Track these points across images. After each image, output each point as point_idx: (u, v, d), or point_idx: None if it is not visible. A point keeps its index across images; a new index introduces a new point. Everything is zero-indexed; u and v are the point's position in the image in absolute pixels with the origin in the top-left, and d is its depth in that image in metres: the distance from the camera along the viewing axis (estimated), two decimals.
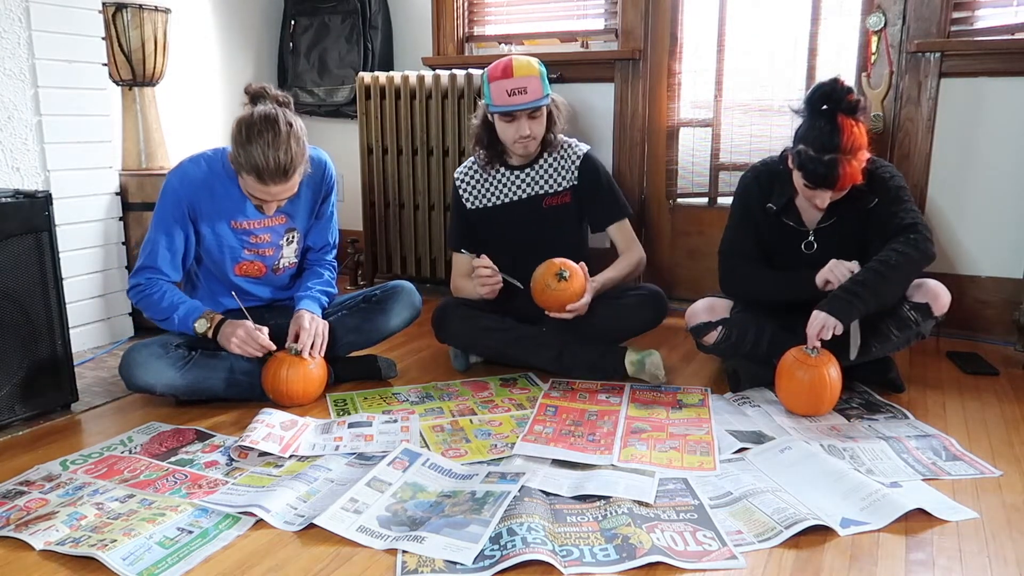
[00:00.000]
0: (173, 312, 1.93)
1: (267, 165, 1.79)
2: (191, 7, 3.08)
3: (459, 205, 2.33)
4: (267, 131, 1.79)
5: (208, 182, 1.95)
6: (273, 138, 1.79)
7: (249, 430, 1.73)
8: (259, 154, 1.78)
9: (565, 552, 1.30)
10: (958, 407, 1.96)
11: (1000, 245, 2.52)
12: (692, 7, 2.86)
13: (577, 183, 2.26)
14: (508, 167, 2.27)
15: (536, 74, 2.10)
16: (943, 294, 1.95)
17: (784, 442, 1.69)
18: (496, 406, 1.98)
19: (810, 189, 1.87)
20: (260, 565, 1.29)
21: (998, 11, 2.46)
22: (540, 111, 2.14)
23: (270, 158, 1.79)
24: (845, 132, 1.80)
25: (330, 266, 2.20)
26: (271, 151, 1.79)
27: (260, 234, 2.03)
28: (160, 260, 1.94)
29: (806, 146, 1.83)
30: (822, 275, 1.90)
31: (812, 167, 1.82)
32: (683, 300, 2.84)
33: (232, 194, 1.96)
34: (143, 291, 1.94)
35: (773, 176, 2.04)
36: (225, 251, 2.01)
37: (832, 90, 1.83)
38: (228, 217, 1.98)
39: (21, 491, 1.54)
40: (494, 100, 2.11)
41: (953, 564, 1.29)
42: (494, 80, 2.11)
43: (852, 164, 1.80)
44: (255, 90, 1.90)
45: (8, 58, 2.16)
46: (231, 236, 2.00)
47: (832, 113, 1.81)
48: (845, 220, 1.98)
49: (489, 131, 2.21)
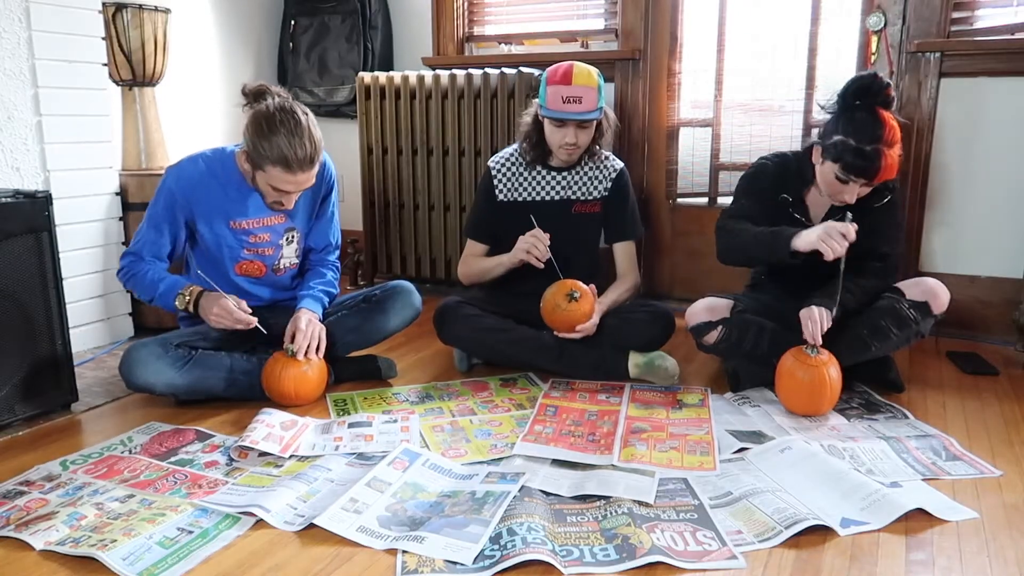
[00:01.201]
0: (155, 289, 1.95)
1: (295, 154, 1.81)
2: (191, 7, 3.08)
3: (489, 195, 2.31)
4: (288, 120, 1.81)
5: (206, 181, 1.95)
6: (295, 126, 1.81)
7: (249, 430, 1.73)
8: (285, 144, 1.80)
9: (565, 552, 1.30)
10: (958, 407, 1.96)
11: (1000, 245, 2.52)
12: (692, 7, 2.86)
13: (607, 195, 2.28)
14: (547, 167, 2.27)
15: (594, 86, 2.09)
16: (942, 292, 1.96)
17: (784, 442, 1.69)
18: (496, 406, 1.98)
19: (842, 182, 1.87)
20: (260, 565, 1.29)
21: (998, 11, 2.46)
22: (590, 122, 2.14)
23: (295, 146, 1.81)
24: (887, 124, 1.82)
25: (333, 266, 2.20)
26: (296, 139, 1.81)
27: (259, 233, 2.03)
28: (145, 251, 1.98)
29: (846, 136, 1.83)
30: (816, 238, 1.82)
31: (853, 157, 1.82)
32: (683, 300, 2.83)
33: (231, 194, 1.96)
34: (128, 272, 1.98)
35: (786, 167, 2.06)
36: (224, 251, 2.01)
37: (872, 84, 1.85)
38: (227, 217, 1.98)
39: (21, 491, 1.54)
40: (548, 103, 2.11)
41: (953, 564, 1.29)
42: (552, 83, 2.10)
43: (891, 156, 1.82)
44: (255, 88, 1.90)
45: (8, 58, 2.16)
46: (230, 236, 2.00)
47: (871, 106, 1.83)
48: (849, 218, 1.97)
49: (538, 130, 2.22)
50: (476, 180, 2.89)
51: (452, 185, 3.00)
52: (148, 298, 1.98)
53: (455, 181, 2.99)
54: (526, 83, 2.80)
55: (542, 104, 2.14)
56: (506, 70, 2.84)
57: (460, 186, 2.99)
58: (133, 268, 1.97)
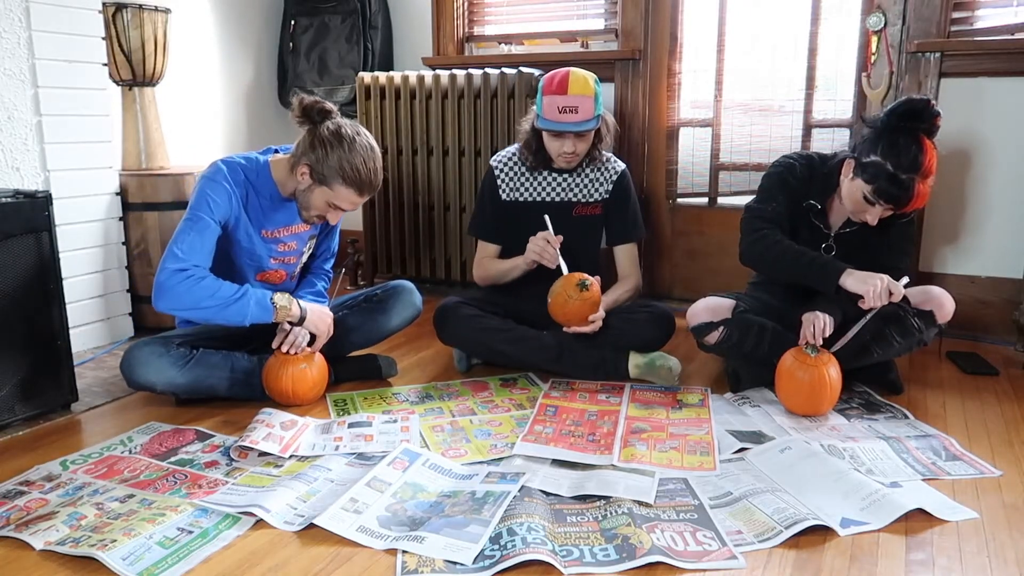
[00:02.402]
0: (241, 294, 1.82)
1: (371, 178, 1.87)
2: (191, 7, 3.08)
3: (492, 193, 2.30)
4: (366, 144, 1.87)
5: (250, 188, 1.94)
6: (371, 151, 1.88)
7: (249, 430, 1.74)
8: (362, 166, 1.85)
9: (565, 552, 1.30)
10: (958, 407, 1.96)
11: (1000, 245, 2.52)
12: (692, 7, 2.86)
13: (608, 197, 2.27)
14: (549, 169, 2.27)
15: (590, 94, 2.07)
16: (947, 303, 1.95)
17: (784, 442, 1.69)
18: (496, 406, 1.98)
19: (869, 203, 1.83)
20: (260, 565, 1.29)
21: (998, 11, 2.46)
22: (588, 132, 2.13)
23: (372, 171, 1.87)
24: (928, 155, 1.77)
25: (326, 276, 2.21)
26: (372, 163, 1.87)
27: (288, 241, 2.03)
28: (200, 259, 1.83)
29: (884, 160, 1.78)
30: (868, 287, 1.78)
31: (888, 184, 1.77)
32: (683, 300, 2.84)
33: (264, 203, 1.96)
34: (191, 276, 1.79)
35: (813, 170, 2.01)
36: (251, 259, 2.00)
37: (924, 109, 1.79)
38: (260, 225, 1.98)
39: (21, 491, 1.54)
40: (544, 113, 2.10)
41: (953, 564, 1.29)
42: (548, 93, 2.08)
43: (923, 187, 1.78)
44: (320, 108, 1.87)
45: (8, 58, 2.16)
46: (261, 244, 1.99)
47: (916, 132, 1.78)
48: (867, 230, 1.96)
49: (537, 138, 2.21)
50: (476, 180, 2.89)
51: (452, 185, 3.00)
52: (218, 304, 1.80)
53: (455, 181, 2.99)
54: (526, 83, 2.80)
55: (539, 114, 2.13)
56: (506, 70, 2.84)
57: (460, 186, 2.99)
58: (198, 274, 1.80)
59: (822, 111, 2.73)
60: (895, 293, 1.79)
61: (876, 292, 1.78)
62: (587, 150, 2.19)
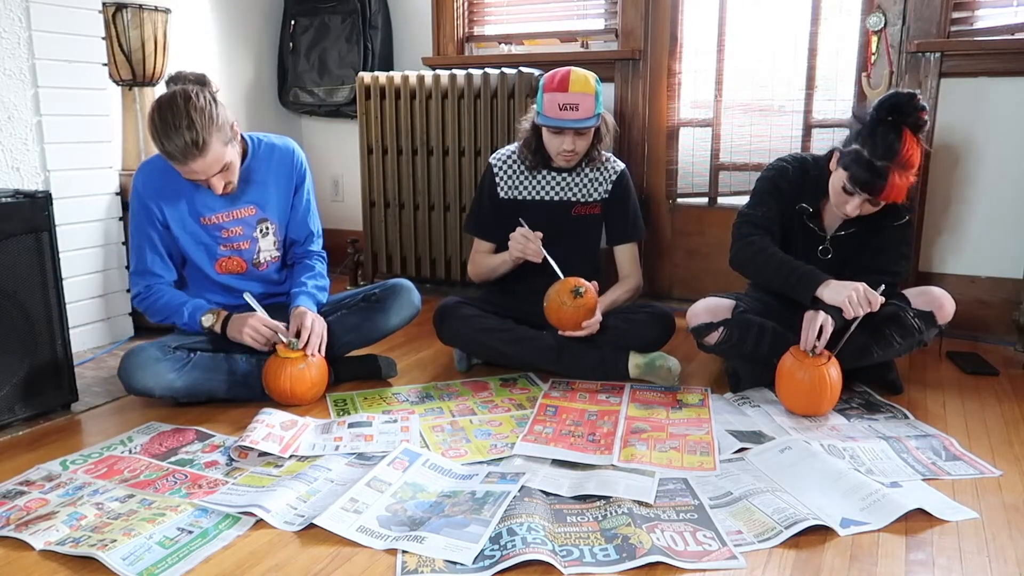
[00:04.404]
0: (180, 310, 1.96)
1: (176, 147, 1.78)
2: (191, 7, 3.08)
3: (491, 191, 2.31)
4: (166, 113, 1.78)
5: (168, 179, 1.93)
6: (172, 117, 1.77)
7: (249, 430, 1.73)
8: (165, 139, 1.78)
9: (565, 552, 1.30)
10: (958, 407, 1.96)
11: (1000, 245, 2.52)
12: (692, 7, 2.86)
13: (608, 197, 2.27)
14: (548, 168, 2.27)
15: (591, 92, 2.08)
16: (948, 303, 1.95)
17: (784, 442, 1.69)
18: (496, 406, 1.98)
19: (847, 193, 1.85)
20: (260, 565, 1.29)
21: (998, 11, 2.46)
22: (588, 129, 2.14)
23: (173, 139, 1.77)
24: (906, 144, 1.78)
25: (319, 256, 2.19)
26: (173, 132, 1.77)
27: (231, 227, 2.02)
28: (151, 263, 1.99)
29: (862, 147, 1.80)
30: (843, 298, 1.79)
31: (861, 169, 1.79)
32: (683, 300, 2.84)
33: (192, 190, 1.96)
34: (144, 298, 2.00)
35: (806, 172, 2.02)
36: (201, 249, 2.01)
37: (907, 102, 1.80)
38: (196, 214, 1.98)
39: (21, 491, 1.54)
40: (544, 111, 2.11)
41: (953, 564, 1.29)
42: (548, 91, 2.09)
43: (901, 178, 1.78)
44: (171, 76, 1.93)
45: (8, 58, 2.16)
46: (203, 233, 2.00)
47: (898, 124, 1.80)
48: (864, 232, 1.96)
49: (537, 136, 2.22)
50: (476, 180, 2.88)
51: (452, 185, 3.00)
52: (170, 322, 2.00)
53: (455, 181, 2.99)
54: (526, 83, 2.80)
55: (539, 111, 2.14)
56: (506, 70, 2.84)
57: (460, 186, 2.99)
58: (147, 294, 1.99)
59: (822, 111, 2.73)
60: (873, 302, 1.79)
61: (853, 302, 1.79)
62: (586, 149, 2.20)
